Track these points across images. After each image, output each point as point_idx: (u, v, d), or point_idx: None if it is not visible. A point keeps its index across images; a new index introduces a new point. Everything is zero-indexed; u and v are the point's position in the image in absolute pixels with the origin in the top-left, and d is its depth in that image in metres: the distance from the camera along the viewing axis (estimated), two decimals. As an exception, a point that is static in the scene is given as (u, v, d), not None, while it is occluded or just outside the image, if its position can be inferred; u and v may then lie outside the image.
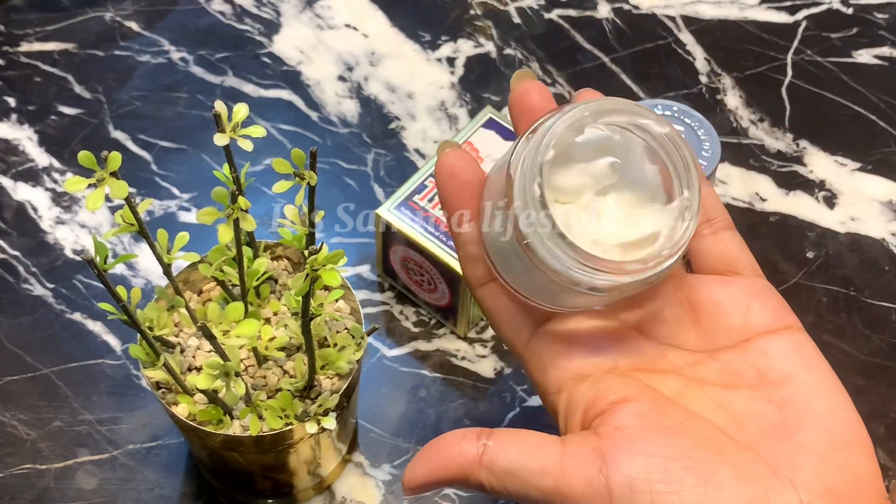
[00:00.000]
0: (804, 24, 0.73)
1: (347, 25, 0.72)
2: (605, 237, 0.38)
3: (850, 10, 0.74)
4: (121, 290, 0.43)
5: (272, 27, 0.72)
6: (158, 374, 0.47)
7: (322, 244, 0.42)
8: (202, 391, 0.46)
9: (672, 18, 0.73)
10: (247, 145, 0.43)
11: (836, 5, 0.74)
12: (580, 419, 0.39)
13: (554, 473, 0.37)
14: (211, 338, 0.42)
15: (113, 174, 0.41)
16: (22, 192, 0.65)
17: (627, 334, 0.40)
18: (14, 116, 0.67)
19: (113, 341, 0.60)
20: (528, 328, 0.41)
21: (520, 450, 0.38)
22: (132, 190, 0.61)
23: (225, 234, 0.44)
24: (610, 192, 0.39)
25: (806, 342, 0.39)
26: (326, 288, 0.51)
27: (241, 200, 0.43)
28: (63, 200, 0.64)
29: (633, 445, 0.36)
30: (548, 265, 0.37)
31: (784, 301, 0.40)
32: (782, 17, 0.74)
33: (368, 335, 0.49)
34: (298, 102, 0.69)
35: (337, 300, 0.50)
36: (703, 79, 0.71)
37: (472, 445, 0.38)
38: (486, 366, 0.60)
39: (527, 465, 0.37)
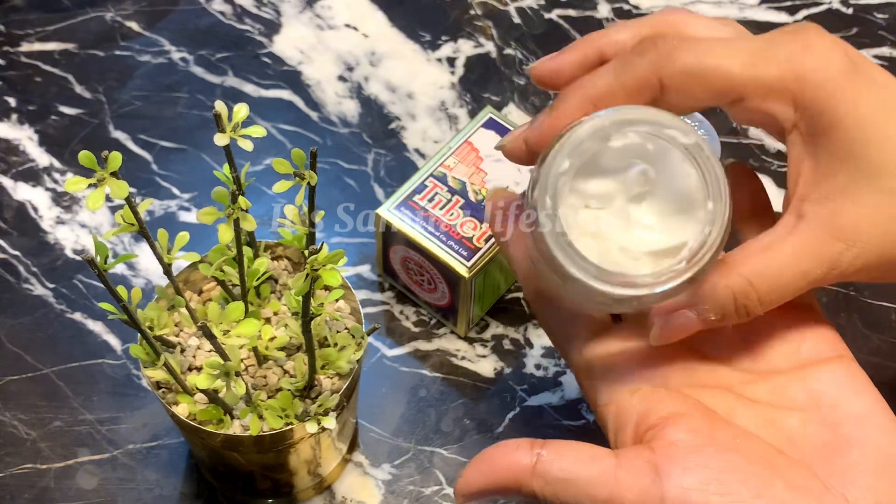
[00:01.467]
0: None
1: (347, 25, 0.72)
2: (636, 245, 0.38)
3: (850, 10, 0.74)
4: (121, 289, 0.43)
5: (272, 27, 0.72)
6: (159, 374, 0.47)
7: (322, 244, 0.42)
8: (202, 391, 0.46)
9: (672, 18, 0.73)
10: (247, 145, 0.43)
11: (836, 5, 0.74)
12: (631, 432, 0.39)
13: (608, 484, 0.37)
14: (211, 337, 0.42)
15: (113, 174, 0.41)
16: (22, 192, 0.65)
17: (679, 352, 0.41)
18: (14, 116, 0.67)
19: (113, 341, 0.60)
20: (580, 339, 0.42)
21: (574, 459, 0.38)
22: (132, 190, 0.61)
23: (225, 234, 0.44)
24: (645, 199, 0.39)
25: (857, 371, 0.40)
26: (326, 288, 0.51)
27: (242, 200, 0.43)
28: (63, 200, 0.64)
29: (688, 458, 0.36)
30: (568, 274, 0.37)
31: (836, 332, 0.41)
32: (782, 17, 0.74)
33: (368, 335, 0.49)
34: (298, 102, 0.69)
35: (337, 300, 0.50)
36: (703, 79, 0.71)
37: (526, 454, 0.38)
38: (486, 366, 0.60)
39: (580, 475, 0.37)
